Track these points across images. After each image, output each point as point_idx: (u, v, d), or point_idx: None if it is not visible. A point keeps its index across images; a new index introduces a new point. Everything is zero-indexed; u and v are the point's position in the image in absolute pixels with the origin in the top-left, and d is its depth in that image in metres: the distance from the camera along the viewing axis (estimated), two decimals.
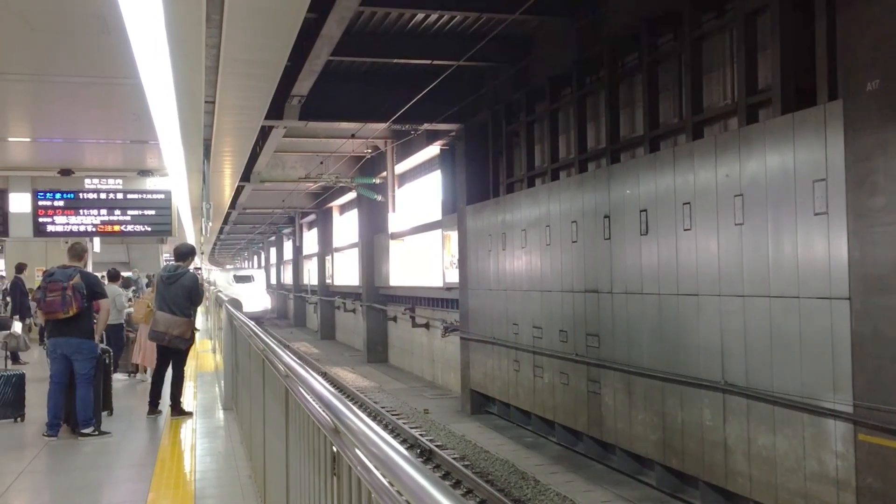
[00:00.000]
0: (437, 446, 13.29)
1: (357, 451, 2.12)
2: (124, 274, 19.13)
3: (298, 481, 3.29)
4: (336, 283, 34.95)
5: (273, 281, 57.31)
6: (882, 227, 7.01)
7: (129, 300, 13.42)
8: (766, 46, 9.01)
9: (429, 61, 14.08)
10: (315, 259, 38.44)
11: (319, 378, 2.61)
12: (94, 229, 11.33)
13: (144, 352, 11.37)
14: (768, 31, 8.89)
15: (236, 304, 9.54)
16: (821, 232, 7.63)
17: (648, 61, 11.07)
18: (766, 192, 8.32)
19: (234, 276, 48.17)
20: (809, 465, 7.80)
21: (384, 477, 1.75)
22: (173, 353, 8.68)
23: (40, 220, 11.09)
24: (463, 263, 17.45)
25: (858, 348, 7.25)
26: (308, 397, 2.88)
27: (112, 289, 11.44)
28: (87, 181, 11.21)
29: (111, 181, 11.29)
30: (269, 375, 4.44)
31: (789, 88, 8.47)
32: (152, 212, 11.49)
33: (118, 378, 10.90)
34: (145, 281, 20.32)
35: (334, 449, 2.37)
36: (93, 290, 7.64)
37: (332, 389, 2.40)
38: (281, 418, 3.82)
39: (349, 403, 2.18)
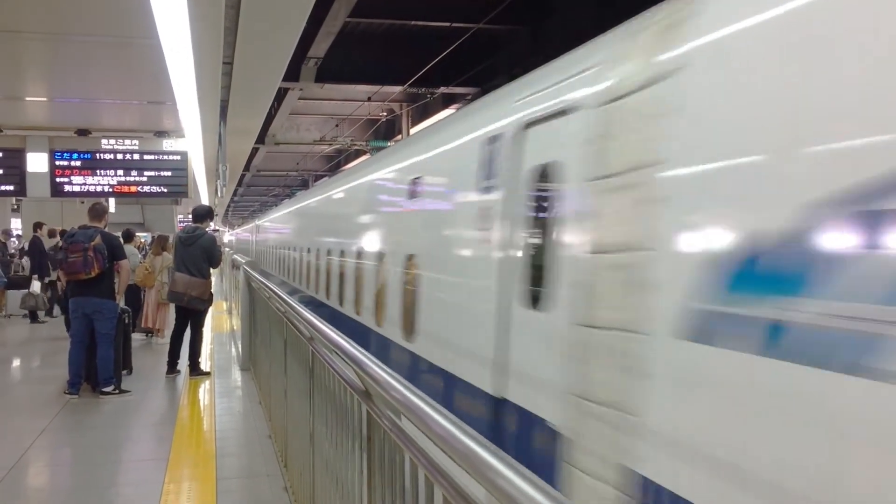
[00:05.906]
0: None
1: (389, 411, 2.12)
2: (140, 234, 19.18)
3: (324, 442, 3.30)
4: None
5: None
6: None
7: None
8: None
9: (448, 24, 13.91)
10: None
11: (348, 339, 2.61)
12: (110, 190, 11.34)
13: (148, 315, 11.43)
14: None
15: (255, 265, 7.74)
16: None
17: None
18: None
19: None
20: None
21: (419, 433, 1.75)
22: (192, 313, 8.74)
23: (57, 180, 11.10)
24: None
25: None
26: (335, 360, 2.87)
27: (127, 249, 11.48)
28: (104, 142, 11.20)
29: (128, 142, 11.27)
30: (291, 337, 4.43)
31: None
32: (168, 173, 11.48)
33: (136, 338, 10.99)
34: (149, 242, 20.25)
35: (364, 409, 2.37)
36: (113, 251, 7.66)
37: (363, 350, 2.40)
38: (304, 380, 3.82)
39: (380, 363, 2.18)
